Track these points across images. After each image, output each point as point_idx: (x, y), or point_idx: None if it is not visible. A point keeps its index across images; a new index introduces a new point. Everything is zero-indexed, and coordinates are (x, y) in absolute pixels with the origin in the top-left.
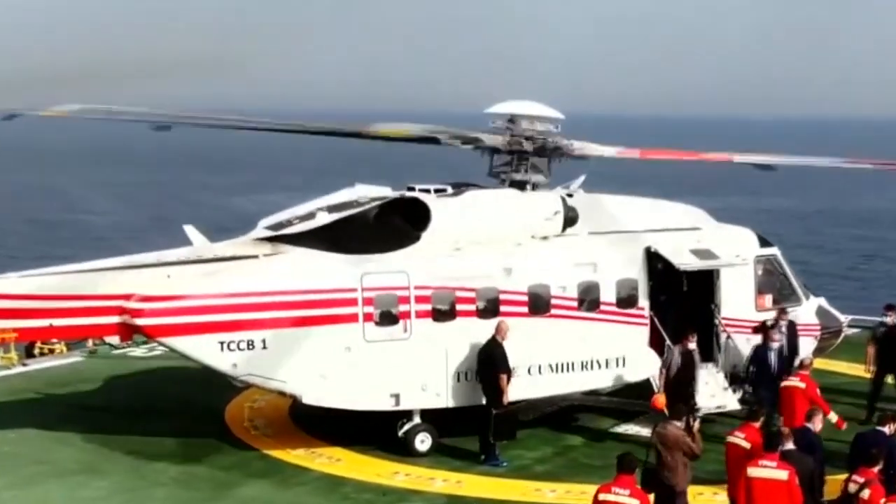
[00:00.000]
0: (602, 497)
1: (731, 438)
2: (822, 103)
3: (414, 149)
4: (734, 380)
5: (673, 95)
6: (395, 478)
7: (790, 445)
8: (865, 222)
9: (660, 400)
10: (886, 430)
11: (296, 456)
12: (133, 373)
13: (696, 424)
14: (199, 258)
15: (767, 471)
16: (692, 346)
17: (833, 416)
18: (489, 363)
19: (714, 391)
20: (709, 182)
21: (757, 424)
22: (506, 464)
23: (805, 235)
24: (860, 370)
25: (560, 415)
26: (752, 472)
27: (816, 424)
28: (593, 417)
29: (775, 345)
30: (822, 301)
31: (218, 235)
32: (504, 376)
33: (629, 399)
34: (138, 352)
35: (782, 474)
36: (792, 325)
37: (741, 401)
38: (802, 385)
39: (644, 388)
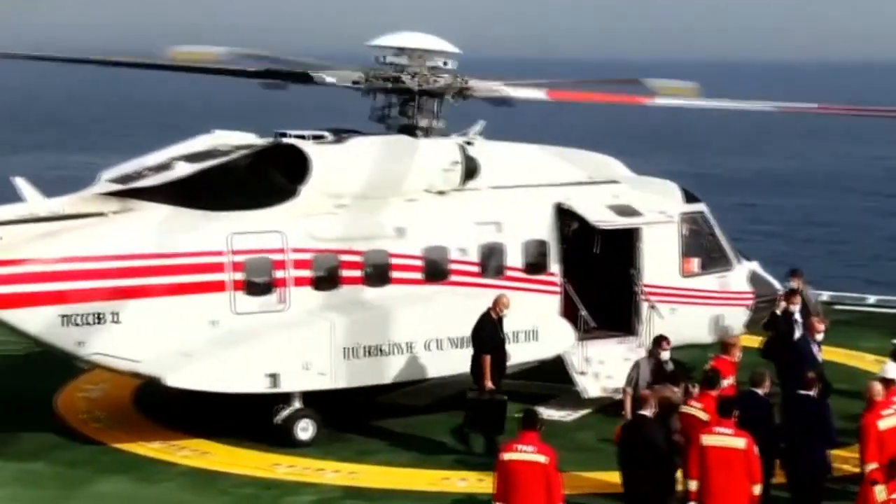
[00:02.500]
0: (506, 456)
1: (686, 409)
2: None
3: (272, 93)
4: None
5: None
6: (276, 470)
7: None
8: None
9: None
10: (812, 392)
11: (153, 449)
12: None
13: (696, 391)
14: (34, 216)
15: (723, 438)
16: (666, 355)
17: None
18: (474, 341)
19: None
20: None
21: (714, 393)
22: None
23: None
24: None
25: (458, 399)
26: (707, 440)
27: (765, 388)
28: None
29: None
30: (756, 266)
31: None
32: (487, 357)
33: (539, 381)
34: None
35: (739, 442)
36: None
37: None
38: (704, 417)
39: (557, 366)
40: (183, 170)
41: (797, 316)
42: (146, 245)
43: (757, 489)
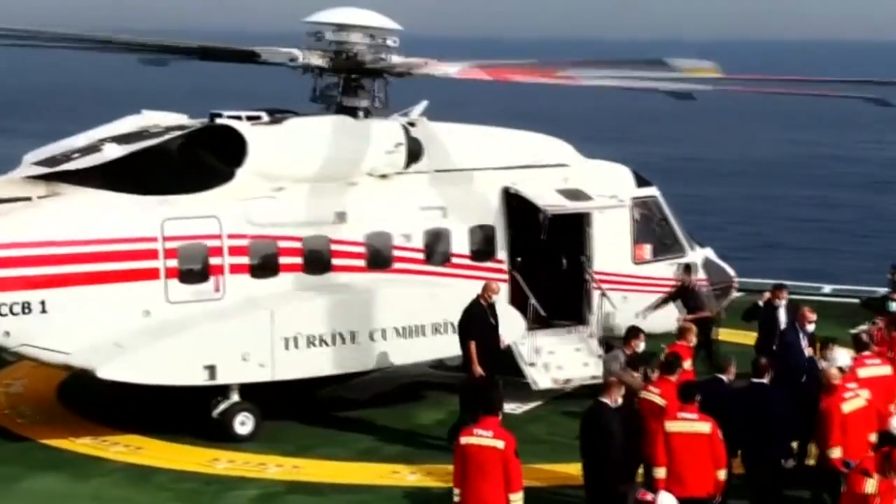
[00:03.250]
0: (464, 441)
1: (644, 394)
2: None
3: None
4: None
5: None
6: (215, 465)
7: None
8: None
9: None
10: (765, 380)
11: (83, 445)
12: None
13: (655, 376)
14: None
15: (688, 424)
16: (642, 346)
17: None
18: (462, 327)
19: (587, 359)
20: None
21: (673, 378)
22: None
23: None
24: None
25: (404, 393)
26: (671, 426)
27: (730, 374)
28: (443, 395)
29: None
30: (710, 252)
31: None
32: (473, 343)
33: None
34: None
35: (704, 427)
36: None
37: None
38: (661, 402)
39: (506, 356)
40: (113, 152)
41: (782, 311)
42: (75, 231)
43: (722, 474)
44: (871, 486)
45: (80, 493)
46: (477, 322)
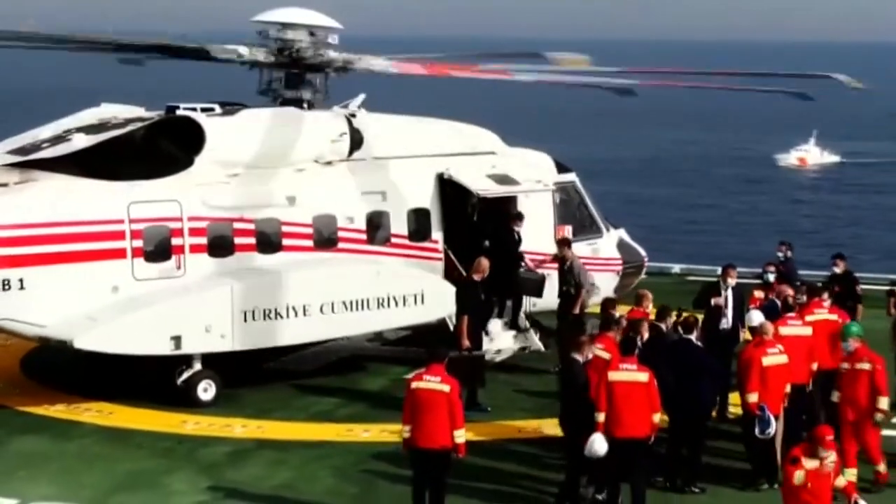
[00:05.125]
0: (414, 385)
1: (594, 350)
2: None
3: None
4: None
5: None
6: (184, 427)
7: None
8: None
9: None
10: (693, 336)
11: (58, 411)
12: None
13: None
14: None
15: (628, 374)
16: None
17: None
18: (457, 303)
19: (515, 332)
20: None
21: (612, 334)
22: (488, 409)
23: None
24: None
25: (345, 364)
26: (613, 376)
27: (667, 323)
28: (382, 366)
29: None
30: (623, 233)
31: None
32: (465, 318)
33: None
34: None
35: (642, 376)
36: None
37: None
38: (606, 356)
39: (436, 332)
40: (82, 142)
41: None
42: (49, 214)
43: (657, 418)
44: (798, 477)
45: (66, 451)
46: (470, 298)
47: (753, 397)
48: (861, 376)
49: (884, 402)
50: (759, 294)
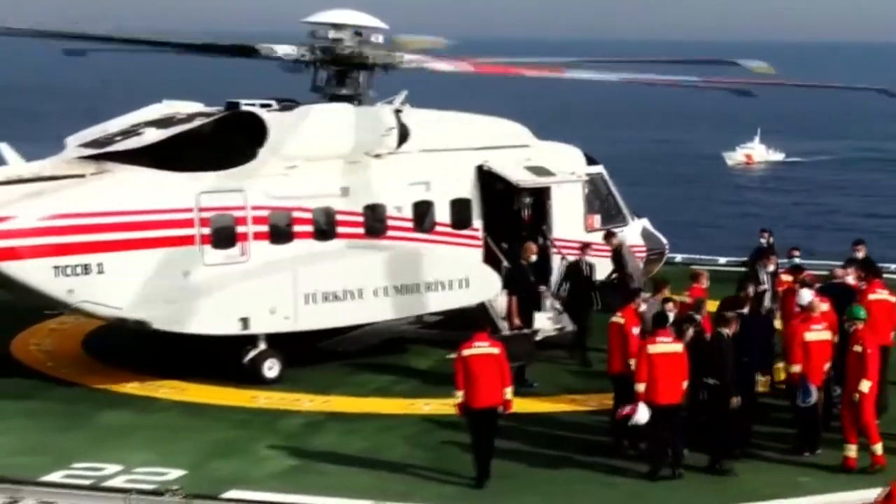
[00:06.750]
0: (466, 352)
1: (613, 318)
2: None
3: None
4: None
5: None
6: (256, 401)
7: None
8: None
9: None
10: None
11: (134, 388)
12: None
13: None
14: (20, 178)
15: (664, 346)
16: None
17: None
18: (506, 285)
19: (551, 314)
20: None
21: (633, 306)
22: (535, 384)
23: None
24: None
25: (389, 346)
26: (652, 348)
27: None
28: (424, 347)
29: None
30: (646, 222)
31: None
32: (514, 298)
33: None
34: None
35: (678, 347)
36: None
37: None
38: (622, 321)
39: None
40: (153, 135)
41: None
42: (124, 203)
43: (685, 384)
44: None
45: (150, 423)
46: (518, 280)
47: (796, 368)
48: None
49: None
50: (787, 277)
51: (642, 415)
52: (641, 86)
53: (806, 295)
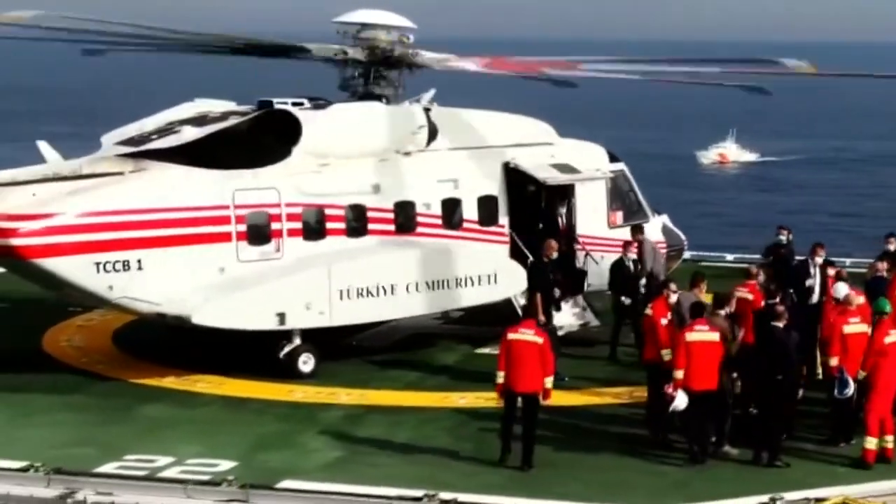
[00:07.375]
0: (511, 337)
1: (646, 311)
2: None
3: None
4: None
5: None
6: (294, 395)
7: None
8: None
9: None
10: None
11: (172, 382)
12: None
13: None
14: (60, 176)
15: (701, 334)
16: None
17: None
18: (529, 281)
19: (575, 309)
20: None
21: (663, 297)
22: (566, 379)
23: None
24: None
25: (415, 341)
26: (690, 336)
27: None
28: (448, 342)
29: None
30: (666, 219)
31: None
32: (537, 294)
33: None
34: None
35: (714, 335)
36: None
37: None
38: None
39: (495, 312)
40: (190, 133)
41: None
42: (162, 200)
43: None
44: None
45: (192, 417)
46: (540, 275)
47: (834, 361)
48: None
49: None
50: (882, 265)
51: (681, 401)
52: (617, 84)
53: (842, 288)
